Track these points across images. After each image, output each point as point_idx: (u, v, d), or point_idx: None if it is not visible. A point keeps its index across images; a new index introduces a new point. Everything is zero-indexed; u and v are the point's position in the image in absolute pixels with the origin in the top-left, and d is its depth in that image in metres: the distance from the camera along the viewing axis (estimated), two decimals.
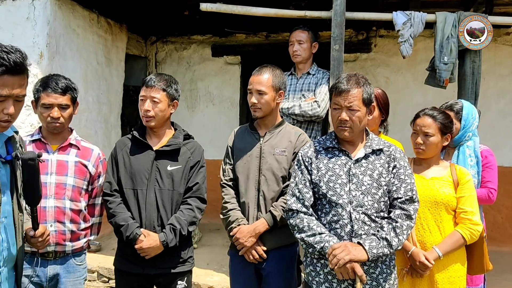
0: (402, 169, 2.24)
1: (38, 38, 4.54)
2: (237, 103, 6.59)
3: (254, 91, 2.68)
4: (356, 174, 2.21)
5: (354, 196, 2.17)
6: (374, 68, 6.11)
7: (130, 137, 2.73)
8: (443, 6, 4.70)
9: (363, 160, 2.24)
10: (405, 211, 2.18)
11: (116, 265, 2.70)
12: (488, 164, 3.04)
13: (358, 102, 2.21)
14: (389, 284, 2.21)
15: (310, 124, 3.90)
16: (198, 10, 4.16)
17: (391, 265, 2.24)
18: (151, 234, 2.54)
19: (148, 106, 2.60)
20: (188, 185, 2.65)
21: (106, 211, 2.65)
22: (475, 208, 2.52)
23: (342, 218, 2.17)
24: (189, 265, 2.71)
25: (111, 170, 2.69)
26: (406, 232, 2.16)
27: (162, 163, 2.63)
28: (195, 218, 2.63)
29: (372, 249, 2.07)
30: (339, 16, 3.86)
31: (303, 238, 2.19)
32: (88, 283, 4.60)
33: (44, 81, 2.55)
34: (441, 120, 2.58)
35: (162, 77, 2.68)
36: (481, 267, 2.62)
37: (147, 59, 6.85)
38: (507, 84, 5.73)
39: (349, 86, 2.21)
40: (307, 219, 2.21)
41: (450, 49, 3.94)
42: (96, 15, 5.45)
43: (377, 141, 2.31)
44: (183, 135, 2.73)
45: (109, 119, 5.82)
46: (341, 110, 2.22)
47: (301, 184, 2.28)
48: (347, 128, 2.22)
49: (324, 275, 2.21)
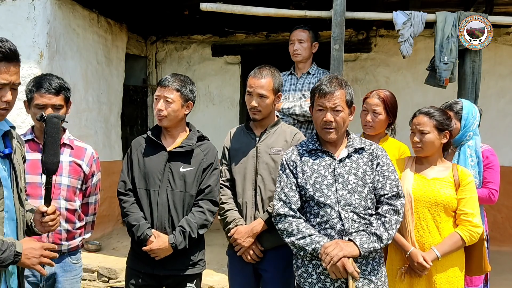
0: (385, 166, 2.28)
1: (38, 38, 4.55)
2: (237, 103, 6.60)
3: (255, 94, 2.66)
4: (341, 173, 2.24)
5: (342, 195, 2.20)
6: (374, 67, 6.11)
7: (145, 137, 2.72)
8: (443, 6, 4.70)
9: (347, 159, 2.28)
10: (393, 206, 2.22)
11: (128, 263, 2.70)
12: (489, 165, 3.03)
13: (342, 103, 2.26)
14: (381, 281, 2.23)
15: (310, 124, 3.89)
16: (198, 9, 4.16)
17: (380, 262, 2.26)
18: (161, 236, 2.53)
19: (161, 106, 2.58)
20: (201, 187, 2.62)
21: (120, 210, 2.65)
22: (476, 210, 2.51)
23: (332, 218, 2.18)
24: (199, 268, 2.68)
25: (126, 170, 2.67)
26: (394, 226, 2.20)
27: (175, 164, 2.60)
28: (206, 221, 2.59)
29: (363, 244, 2.10)
30: (339, 15, 3.86)
31: (293, 241, 2.19)
32: (88, 282, 4.61)
33: (37, 81, 2.52)
34: (437, 117, 2.58)
35: (178, 77, 2.65)
36: (480, 268, 2.61)
37: (147, 58, 6.86)
38: (507, 83, 5.73)
39: (332, 88, 2.26)
40: (296, 222, 2.22)
41: (450, 49, 3.94)
42: (96, 15, 5.45)
43: (358, 140, 2.36)
44: (197, 136, 2.70)
45: (109, 118, 5.82)
46: (326, 111, 2.26)
47: (287, 188, 2.29)
48: (332, 129, 2.26)
49: (317, 275, 2.21)
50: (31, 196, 2.44)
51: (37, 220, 2.00)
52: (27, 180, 2.41)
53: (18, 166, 1.92)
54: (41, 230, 2.03)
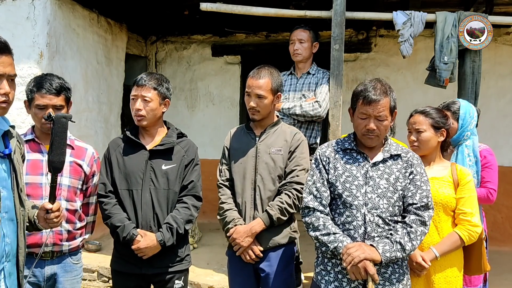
0: (418, 175, 2.23)
1: (38, 38, 4.54)
2: (237, 103, 6.59)
3: (253, 95, 2.67)
4: (373, 177, 2.20)
5: (370, 198, 2.17)
6: (374, 67, 6.11)
7: (123, 137, 2.72)
8: (443, 6, 4.70)
9: (381, 164, 2.24)
10: (420, 217, 2.17)
11: (113, 266, 2.69)
12: (487, 164, 3.04)
13: (387, 111, 2.18)
14: (403, 284, 2.20)
15: (310, 124, 3.89)
16: (198, 9, 4.16)
17: (403, 265, 2.24)
18: (148, 234, 2.54)
19: (139, 105, 2.59)
20: (183, 184, 2.65)
21: (101, 212, 2.64)
22: (475, 209, 2.51)
23: (356, 220, 2.16)
24: (187, 264, 2.70)
25: (105, 171, 2.67)
26: (419, 237, 2.16)
27: (156, 162, 2.62)
28: (191, 216, 2.63)
29: (386, 253, 2.08)
30: (339, 15, 3.86)
31: (317, 236, 2.19)
32: (88, 283, 4.61)
33: (38, 81, 2.51)
34: (433, 116, 2.60)
35: (153, 76, 2.67)
36: (479, 268, 2.61)
37: (147, 58, 6.85)
38: (507, 83, 5.73)
39: (378, 96, 2.16)
40: (323, 218, 2.20)
41: (450, 49, 3.94)
42: (96, 15, 5.45)
43: (395, 147, 2.31)
44: (176, 133, 2.72)
45: (109, 118, 5.82)
46: (369, 119, 2.18)
47: (319, 182, 2.26)
48: (373, 136, 2.21)
49: (335, 274, 2.21)
50: (31, 197, 2.44)
51: (41, 216, 2.03)
52: (28, 181, 2.43)
53: (18, 165, 1.93)
54: (45, 226, 2.06)
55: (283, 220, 2.65)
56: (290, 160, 2.70)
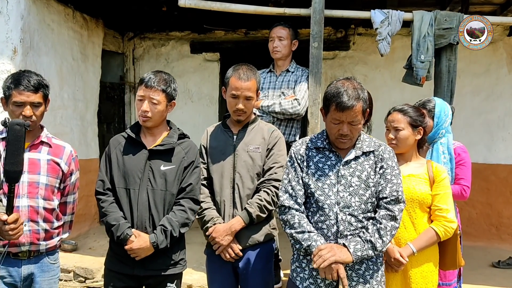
0: (389, 169, 2.24)
1: (12, 33, 4.43)
2: (216, 100, 6.56)
3: (242, 97, 2.64)
4: (345, 175, 2.21)
5: (342, 197, 2.18)
6: (353, 65, 6.16)
7: (125, 135, 2.66)
8: (420, 5, 4.76)
9: (353, 161, 2.23)
10: (390, 212, 2.18)
11: (106, 264, 2.64)
12: (461, 161, 3.10)
13: (359, 116, 2.16)
14: (376, 281, 2.22)
15: (289, 122, 3.90)
16: (177, 6, 4.12)
17: (378, 262, 2.26)
18: (141, 235, 2.49)
19: (146, 107, 2.53)
20: (182, 186, 2.58)
21: (99, 209, 2.60)
22: (450, 205, 2.55)
23: (329, 219, 2.17)
24: (180, 268, 2.64)
25: (105, 169, 2.62)
26: (390, 233, 2.17)
27: (155, 162, 2.56)
28: (187, 220, 2.55)
29: (357, 252, 2.09)
30: (318, 13, 3.87)
31: (292, 233, 2.20)
32: (65, 283, 4.53)
33: (15, 78, 2.46)
34: (411, 114, 2.64)
35: (162, 76, 2.59)
36: (454, 262, 2.66)
37: (124, 55, 6.76)
38: (482, 82, 5.84)
39: (351, 102, 2.12)
40: (298, 216, 2.21)
41: (426, 48, 3.99)
42: (72, 10, 5.35)
43: (368, 142, 2.29)
44: (177, 134, 2.66)
45: (85, 116, 5.72)
46: (342, 124, 2.16)
47: (294, 181, 2.26)
48: (346, 140, 2.20)
49: (309, 271, 2.23)
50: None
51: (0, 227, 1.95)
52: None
53: None
54: (3, 237, 1.97)
55: (262, 217, 2.64)
56: (268, 158, 2.70)
